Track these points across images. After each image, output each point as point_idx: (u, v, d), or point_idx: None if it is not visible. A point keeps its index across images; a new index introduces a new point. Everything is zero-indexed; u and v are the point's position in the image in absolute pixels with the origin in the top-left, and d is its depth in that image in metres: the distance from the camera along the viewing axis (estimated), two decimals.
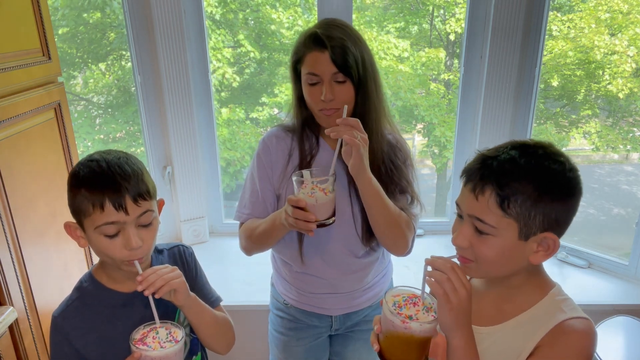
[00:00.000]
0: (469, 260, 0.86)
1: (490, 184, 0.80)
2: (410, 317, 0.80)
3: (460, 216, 0.88)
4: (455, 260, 0.85)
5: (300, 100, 1.28)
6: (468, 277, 0.99)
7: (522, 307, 0.89)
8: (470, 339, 0.82)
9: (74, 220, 0.96)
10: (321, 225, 1.12)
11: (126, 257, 0.93)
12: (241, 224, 1.36)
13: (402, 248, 1.29)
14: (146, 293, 0.91)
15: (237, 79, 4.72)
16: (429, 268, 0.82)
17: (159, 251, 1.11)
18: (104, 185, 0.89)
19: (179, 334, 0.90)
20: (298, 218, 1.09)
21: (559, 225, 0.83)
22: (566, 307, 0.86)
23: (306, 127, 1.31)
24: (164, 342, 0.88)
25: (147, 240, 0.95)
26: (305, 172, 1.16)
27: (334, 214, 1.14)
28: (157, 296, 0.92)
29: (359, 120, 1.12)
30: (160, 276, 0.92)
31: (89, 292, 1.00)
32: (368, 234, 1.28)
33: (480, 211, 0.81)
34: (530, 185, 0.79)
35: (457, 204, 0.88)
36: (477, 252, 0.84)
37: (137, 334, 0.90)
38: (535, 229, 0.81)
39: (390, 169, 1.27)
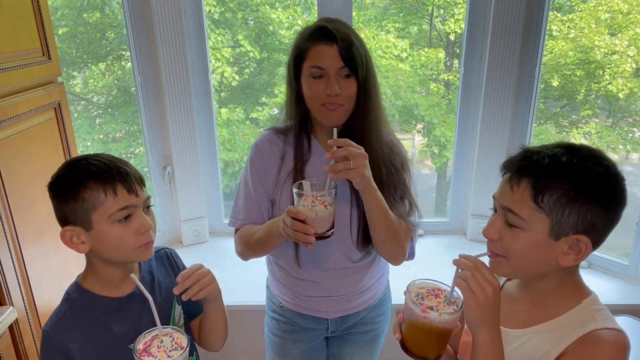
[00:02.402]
0: (498, 256, 0.86)
1: (527, 176, 0.80)
2: (431, 308, 0.81)
3: (495, 210, 0.88)
4: (485, 258, 0.84)
5: (298, 97, 1.24)
6: (502, 278, 0.98)
7: (553, 313, 0.87)
8: (497, 337, 0.80)
9: (69, 227, 0.94)
10: (320, 237, 1.10)
11: (142, 241, 0.95)
12: (236, 229, 1.35)
13: (400, 258, 1.29)
14: (184, 298, 0.95)
15: (237, 77, 4.72)
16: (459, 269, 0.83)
17: None
18: (112, 173, 0.92)
19: (184, 340, 0.87)
20: (297, 230, 1.07)
21: (595, 231, 0.80)
22: (599, 317, 0.83)
23: (300, 129, 1.29)
24: (170, 351, 0.85)
25: (153, 224, 0.98)
26: (305, 183, 1.14)
27: (332, 227, 1.13)
28: (190, 297, 0.95)
29: (348, 140, 1.09)
30: (196, 280, 0.96)
31: (79, 302, 0.98)
32: (364, 240, 1.27)
33: (514, 203, 0.81)
34: (567, 183, 0.78)
35: (494, 197, 0.87)
36: (505, 246, 0.84)
37: (140, 344, 0.86)
38: (568, 229, 0.80)
39: (390, 171, 1.26)
